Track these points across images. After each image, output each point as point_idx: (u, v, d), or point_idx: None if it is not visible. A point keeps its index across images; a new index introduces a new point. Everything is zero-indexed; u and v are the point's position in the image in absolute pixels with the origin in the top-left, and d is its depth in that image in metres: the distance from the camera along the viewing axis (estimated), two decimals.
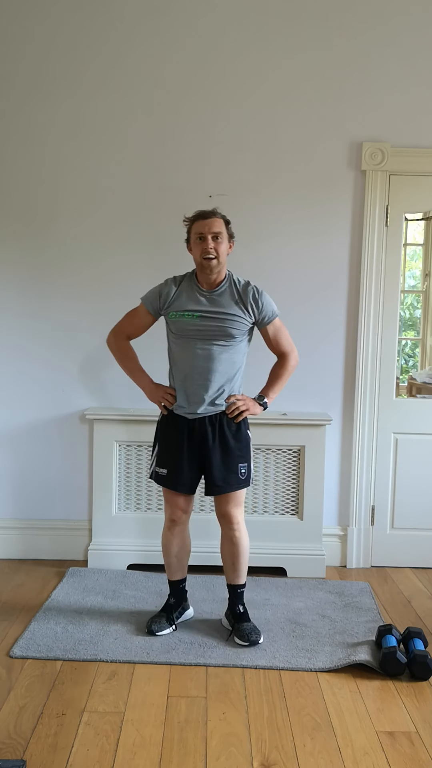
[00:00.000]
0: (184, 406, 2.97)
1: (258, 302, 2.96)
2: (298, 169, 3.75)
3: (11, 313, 3.84)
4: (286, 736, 2.38)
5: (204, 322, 2.91)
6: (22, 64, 3.70)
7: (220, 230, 2.92)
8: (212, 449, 2.95)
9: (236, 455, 2.98)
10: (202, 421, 2.96)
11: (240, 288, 2.97)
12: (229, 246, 2.97)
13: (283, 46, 3.69)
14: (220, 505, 3.03)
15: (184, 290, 2.97)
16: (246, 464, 3.02)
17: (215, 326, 2.91)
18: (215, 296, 2.95)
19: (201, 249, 2.89)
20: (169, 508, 3.07)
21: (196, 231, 2.92)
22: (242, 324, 2.95)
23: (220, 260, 2.90)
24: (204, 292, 2.96)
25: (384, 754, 2.29)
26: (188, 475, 3.00)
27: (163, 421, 3.06)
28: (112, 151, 3.75)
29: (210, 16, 3.68)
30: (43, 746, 2.28)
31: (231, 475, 2.97)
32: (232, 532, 3.02)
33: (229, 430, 2.98)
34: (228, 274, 3.00)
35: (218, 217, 2.95)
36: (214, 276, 2.94)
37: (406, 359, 4.54)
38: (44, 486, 3.92)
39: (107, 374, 3.84)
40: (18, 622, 3.13)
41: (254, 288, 2.98)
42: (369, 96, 3.72)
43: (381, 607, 3.42)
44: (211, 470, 2.96)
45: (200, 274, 2.97)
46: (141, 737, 2.35)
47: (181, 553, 3.13)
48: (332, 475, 3.90)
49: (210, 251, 2.87)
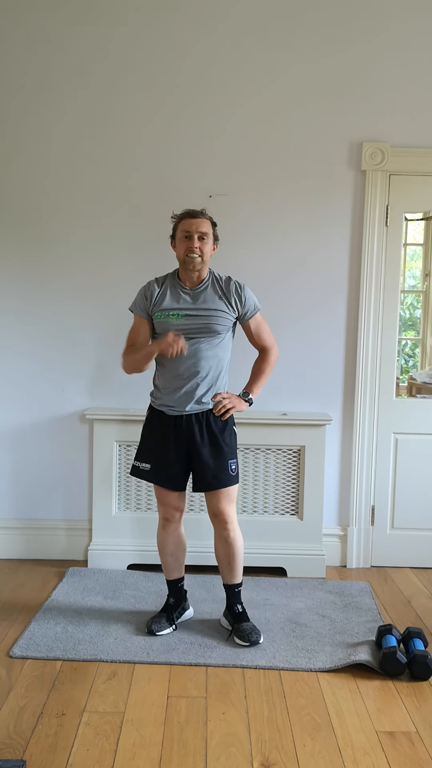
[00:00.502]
0: (171, 405, 2.97)
1: (241, 296, 2.99)
2: (299, 169, 3.75)
3: (11, 313, 3.84)
4: (286, 736, 2.38)
5: (188, 320, 2.92)
6: (28, 67, 3.70)
7: (207, 231, 2.94)
8: (201, 446, 2.96)
9: (225, 451, 2.99)
10: (188, 418, 2.96)
11: (222, 283, 3.00)
12: (213, 247, 3.00)
13: (283, 47, 3.69)
14: (213, 504, 3.02)
15: (167, 290, 2.99)
16: (234, 460, 3.02)
17: (200, 324, 2.92)
18: (198, 293, 2.97)
19: (186, 247, 2.92)
20: (161, 506, 3.08)
21: (183, 229, 2.94)
22: (226, 320, 2.97)
23: (204, 258, 2.93)
24: (186, 290, 2.98)
25: (384, 754, 2.29)
26: (175, 471, 3.00)
27: (149, 418, 3.07)
28: (114, 153, 3.75)
29: (214, 19, 3.67)
30: (43, 746, 2.28)
31: (221, 471, 2.97)
32: (226, 532, 3.02)
33: (216, 426, 2.98)
34: (210, 271, 3.02)
35: (206, 218, 2.98)
36: (196, 273, 2.96)
37: (406, 359, 4.54)
38: (44, 486, 3.92)
39: (107, 374, 3.84)
40: (18, 622, 3.13)
41: (236, 282, 3.01)
42: (369, 96, 3.72)
43: (381, 607, 3.42)
44: (202, 467, 2.96)
45: (183, 271, 2.99)
46: (141, 737, 2.35)
47: (177, 552, 3.13)
48: (332, 475, 3.90)
49: (195, 250, 2.90)
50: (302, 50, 3.69)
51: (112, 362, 3.83)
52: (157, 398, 3.04)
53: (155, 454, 3.02)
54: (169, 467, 2.99)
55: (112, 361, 3.83)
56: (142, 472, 3.05)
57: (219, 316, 2.95)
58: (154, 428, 3.03)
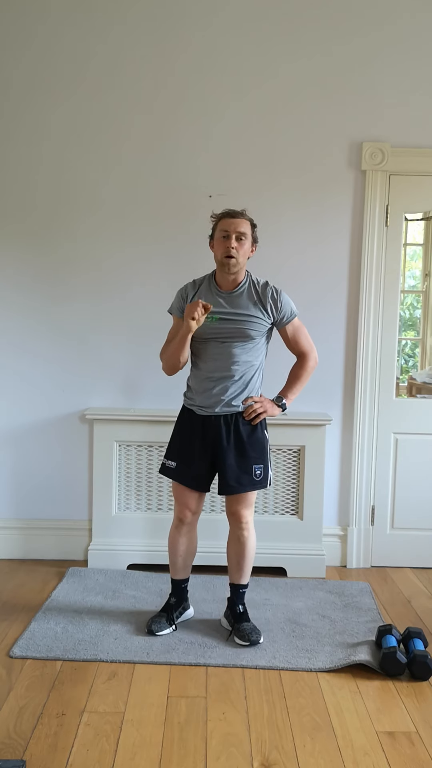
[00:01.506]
0: (202, 405, 2.97)
1: (277, 302, 2.96)
2: (298, 169, 3.75)
3: (11, 313, 3.84)
4: (286, 736, 2.38)
5: (223, 324, 2.91)
6: (22, 64, 3.70)
7: (246, 231, 2.91)
8: (226, 449, 2.96)
9: (251, 456, 2.98)
10: (217, 419, 2.96)
11: (259, 288, 2.97)
12: (252, 249, 2.97)
13: (283, 47, 3.69)
14: (230, 504, 3.04)
15: (203, 293, 2.98)
16: (262, 465, 3.01)
17: (234, 328, 2.91)
18: (234, 297, 2.95)
19: (224, 247, 2.89)
20: (177, 506, 3.07)
21: (222, 228, 2.92)
22: (260, 325, 2.95)
23: (239, 260, 2.90)
24: (222, 293, 2.96)
25: (384, 754, 2.29)
26: (198, 471, 3.00)
27: (180, 416, 3.08)
28: (112, 152, 3.75)
29: (211, 18, 3.68)
30: (43, 746, 2.28)
31: (244, 475, 2.97)
32: (240, 531, 3.03)
33: (244, 430, 2.97)
34: (247, 275, 3.00)
35: (246, 219, 2.95)
36: (232, 276, 2.94)
37: (406, 359, 4.54)
38: (44, 486, 3.92)
39: (107, 374, 3.84)
40: (18, 622, 3.13)
41: (273, 288, 2.98)
42: (369, 96, 3.72)
43: (381, 607, 3.42)
44: (225, 470, 2.96)
45: (219, 273, 2.97)
46: (141, 737, 2.35)
47: (186, 554, 3.13)
48: (332, 475, 3.90)
49: (232, 250, 2.86)
50: (302, 51, 3.69)
51: (113, 362, 3.84)
52: (189, 398, 3.05)
53: (181, 452, 3.02)
54: (193, 466, 2.99)
55: (113, 361, 3.84)
56: (168, 469, 3.05)
57: (253, 321, 2.93)
58: (183, 427, 3.04)
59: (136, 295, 3.76)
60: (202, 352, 2.98)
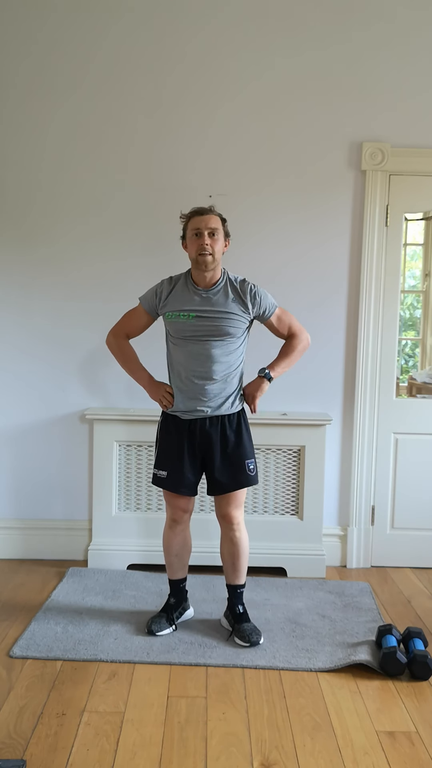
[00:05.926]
0: (184, 409, 2.96)
1: (256, 296, 2.95)
2: (298, 169, 3.75)
3: (11, 313, 3.84)
4: (286, 736, 2.38)
5: (200, 321, 2.89)
6: (22, 65, 3.70)
7: (217, 227, 2.91)
8: (215, 450, 2.95)
9: (242, 452, 2.98)
10: (202, 422, 2.95)
11: (237, 285, 2.96)
12: (225, 244, 2.96)
13: (282, 47, 3.69)
14: (221, 506, 3.02)
15: (179, 290, 2.96)
16: (252, 459, 3.01)
17: (212, 326, 2.89)
18: (211, 295, 2.93)
19: (197, 245, 2.87)
20: (170, 509, 3.07)
21: (193, 227, 2.91)
22: (240, 322, 2.93)
23: (215, 257, 2.88)
24: (199, 290, 2.94)
25: (384, 754, 2.29)
26: (190, 477, 2.99)
27: (164, 423, 3.05)
28: (111, 152, 3.75)
29: (210, 17, 3.68)
30: (43, 746, 2.28)
31: (238, 472, 2.96)
32: (232, 532, 3.02)
33: (230, 428, 2.97)
34: (224, 272, 2.98)
35: (215, 214, 2.94)
36: (209, 273, 2.92)
37: (406, 359, 4.54)
38: (44, 486, 3.92)
39: (107, 374, 3.84)
40: (18, 622, 3.13)
41: (251, 284, 2.97)
42: (369, 96, 3.72)
43: (381, 607, 3.42)
44: (216, 471, 2.96)
45: (195, 272, 2.95)
46: (141, 737, 2.35)
47: (182, 552, 3.12)
48: (332, 475, 3.90)
49: (206, 247, 2.85)
50: (302, 50, 3.69)
51: (113, 362, 3.83)
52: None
53: (171, 461, 2.99)
54: (185, 473, 2.97)
55: (113, 361, 3.83)
56: (161, 480, 3.02)
57: (232, 318, 2.91)
58: (169, 434, 3.01)
59: (137, 295, 3.76)
60: (181, 352, 2.94)
